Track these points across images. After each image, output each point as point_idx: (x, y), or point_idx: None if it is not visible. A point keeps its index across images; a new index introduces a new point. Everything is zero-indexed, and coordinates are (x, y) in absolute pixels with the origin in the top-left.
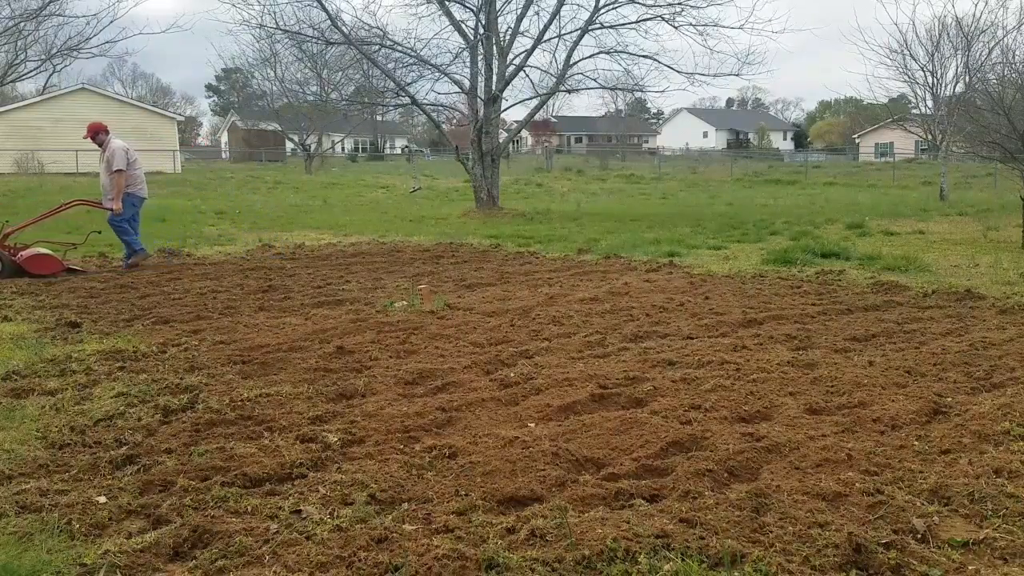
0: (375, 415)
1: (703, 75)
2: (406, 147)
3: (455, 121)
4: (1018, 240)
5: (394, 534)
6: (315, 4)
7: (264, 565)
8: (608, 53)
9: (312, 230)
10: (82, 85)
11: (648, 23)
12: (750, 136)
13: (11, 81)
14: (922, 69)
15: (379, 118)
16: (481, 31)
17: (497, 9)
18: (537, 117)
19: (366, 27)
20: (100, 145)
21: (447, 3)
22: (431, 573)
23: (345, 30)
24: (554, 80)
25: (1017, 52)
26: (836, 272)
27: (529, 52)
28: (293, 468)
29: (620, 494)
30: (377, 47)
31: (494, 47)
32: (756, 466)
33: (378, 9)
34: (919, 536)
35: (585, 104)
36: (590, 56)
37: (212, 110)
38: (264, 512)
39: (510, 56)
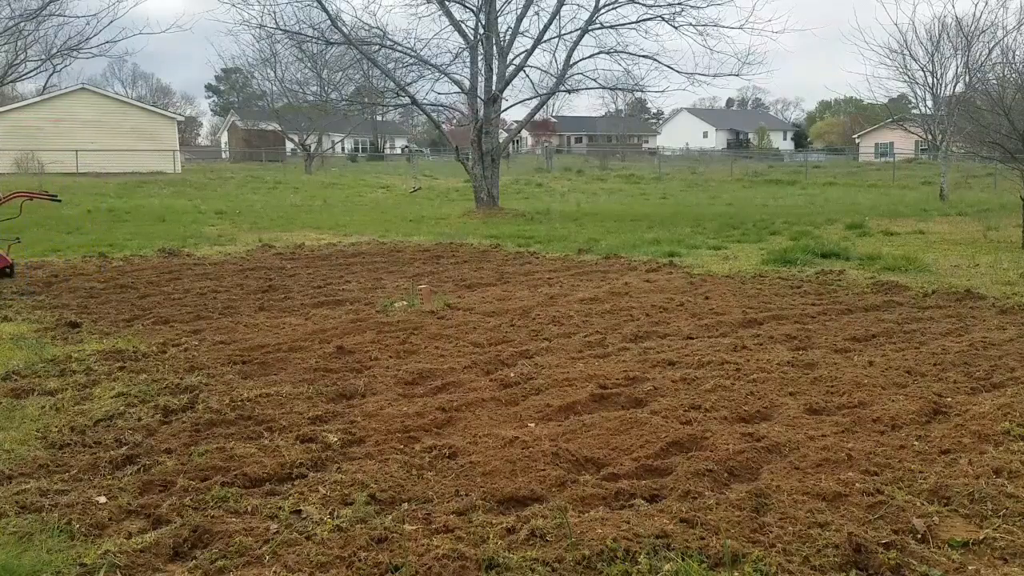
0: (375, 415)
1: (703, 75)
2: (406, 147)
3: (455, 121)
4: (1018, 240)
5: (394, 534)
6: (315, 4)
7: (264, 565)
8: (608, 53)
9: (312, 230)
10: (82, 85)
11: (648, 23)
12: (750, 136)
13: (11, 81)
14: (922, 69)
15: (379, 118)
16: (481, 31)
17: (497, 9)
18: (537, 117)
19: (366, 27)
20: None
21: (447, 3)
22: (431, 573)
23: (345, 30)
24: (554, 80)
25: (1017, 52)
26: (836, 272)
27: (529, 52)
28: (293, 468)
29: (620, 494)
30: (377, 47)
31: (494, 47)
32: (756, 466)
33: (378, 9)
34: (919, 536)
35: (585, 104)
36: (590, 56)
37: (212, 110)
38: (264, 512)
39: (510, 56)
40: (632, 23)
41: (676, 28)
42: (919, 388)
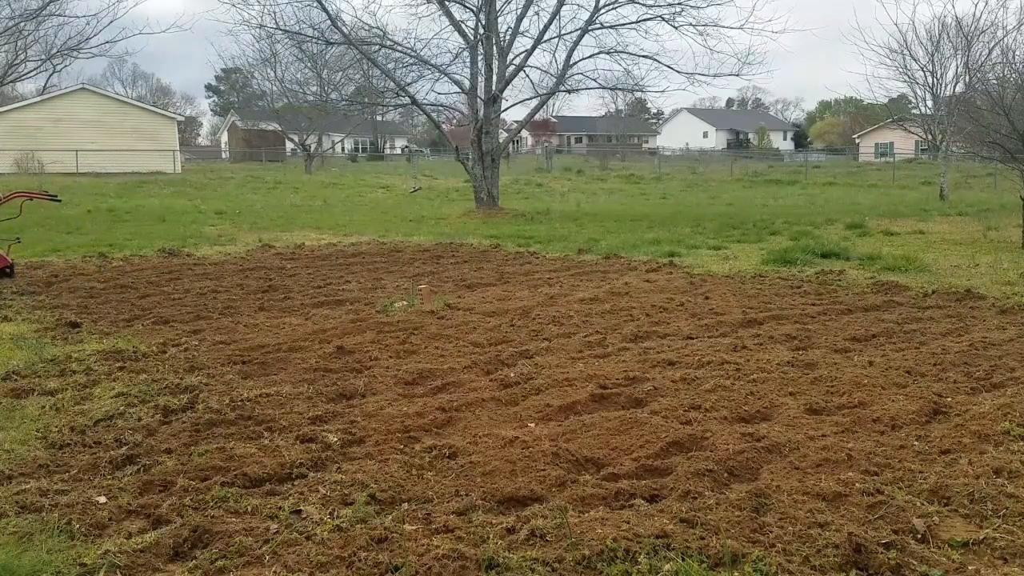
0: (375, 415)
1: (703, 75)
2: (406, 147)
3: (455, 121)
4: (1018, 240)
5: (394, 534)
6: (315, 4)
7: (264, 565)
8: (608, 53)
9: (312, 230)
10: (82, 85)
11: (648, 23)
12: (750, 136)
13: (11, 81)
14: (922, 69)
15: (379, 118)
16: (481, 31)
17: (497, 9)
18: (537, 117)
19: (366, 27)
20: None
21: (447, 3)
22: (431, 573)
23: (345, 30)
24: (554, 80)
25: (1017, 52)
26: (836, 272)
27: (529, 52)
28: (293, 468)
29: (620, 494)
30: (377, 47)
31: (494, 47)
32: (756, 466)
33: (378, 9)
34: (919, 536)
35: (585, 104)
36: (590, 56)
37: (212, 110)
38: (264, 512)
39: (510, 56)
40: (632, 23)
41: (676, 28)
42: (919, 388)
